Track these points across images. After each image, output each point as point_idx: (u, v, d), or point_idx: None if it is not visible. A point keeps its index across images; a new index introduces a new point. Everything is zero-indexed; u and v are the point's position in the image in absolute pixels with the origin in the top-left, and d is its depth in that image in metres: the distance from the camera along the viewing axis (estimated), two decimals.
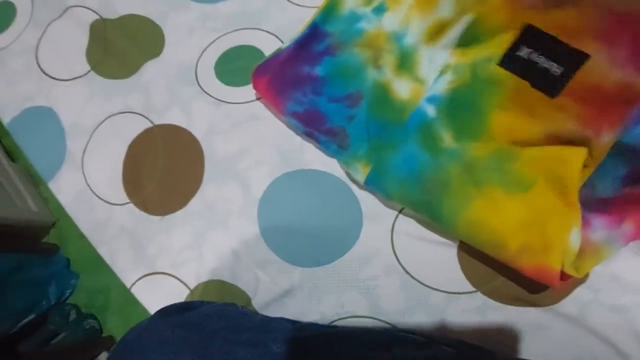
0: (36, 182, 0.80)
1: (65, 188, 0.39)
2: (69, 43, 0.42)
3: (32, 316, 0.75)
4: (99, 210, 0.37)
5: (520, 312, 0.28)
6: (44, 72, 0.42)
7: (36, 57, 0.43)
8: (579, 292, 0.28)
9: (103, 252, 0.37)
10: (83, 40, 0.42)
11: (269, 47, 0.38)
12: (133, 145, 0.38)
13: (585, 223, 0.25)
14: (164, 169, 0.37)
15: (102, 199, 0.37)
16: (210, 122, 0.37)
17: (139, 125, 0.38)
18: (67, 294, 0.80)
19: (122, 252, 0.36)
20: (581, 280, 0.29)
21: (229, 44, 0.39)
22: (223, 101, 0.37)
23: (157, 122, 0.38)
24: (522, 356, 0.28)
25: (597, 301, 0.28)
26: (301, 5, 0.39)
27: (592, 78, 0.26)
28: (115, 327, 0.75)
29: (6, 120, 0.41)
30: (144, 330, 0.27)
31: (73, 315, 0.77)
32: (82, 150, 0.39)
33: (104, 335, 0.77)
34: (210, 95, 0.38)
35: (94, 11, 0.43)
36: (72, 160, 0.39)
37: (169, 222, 0.35)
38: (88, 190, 0.38)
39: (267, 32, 0.39)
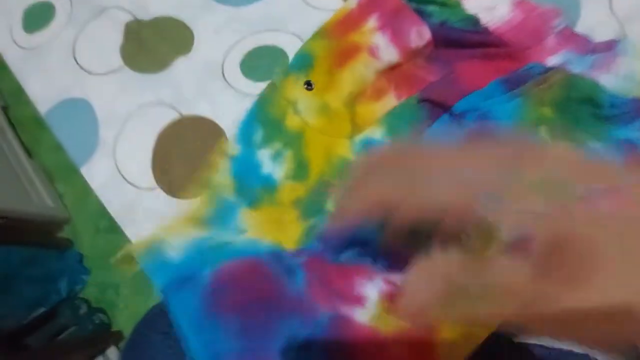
0: (53, 179, 0.83)
1: (97, 174, 0.41)
2: (105, 40, 0.46)
3: (42, 309, 0.77)
4: (128, 194, 0.40)
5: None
6: (80, 66, 0.45)
7: (73, 52, 0.46)
8: None
9: (130, 233, 0.39)
10: (118, 38, 0.45)
11: (291, 47, 0.41)
12: (162, 134, 0.41)
13: None
14: (190, 157, 0.39)
15: (131, 184, 0.40)
16: (235, 114, 0.40)
17: (168, 116, 0.41)
18: (78, 289, 0.82)
19: (148, 232, 0.38)
20: None
21: (253, 44, 0.42)
22: (248, 94, 0.40)
23: (186, 113, 0.41)
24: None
25: None
26: (320, 9, 0.42)
27: None
28: (125, 322, 0.77)
29: (43, 111, 0.44)
30: (145, 326, 0.28)
31: (83, 309, 0.79)
32: (114, 138, 0.42)
33: (113, 329, 0.79)
34: (236, 89, 0.41)
35: (129, 12, 0.46)
36: (104, 147, 0.42)
37: (192, 205, 0.38)
38: (118, 175, 0.41)
39: (290, 33, 0.42)
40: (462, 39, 0.36)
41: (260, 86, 0.40)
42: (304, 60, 0.37)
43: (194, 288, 0.30)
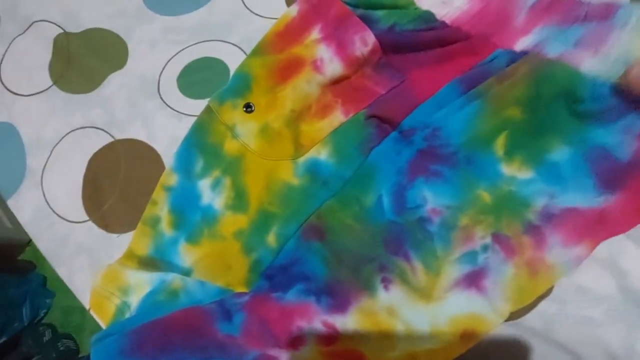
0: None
1: (24, 206, 0.37)
2: (32, 57, 0.41)
3: (4, 339, 0.72)
4: (58, 229, 0.36)
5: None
6: (6, 87, 0.41)
7: None
8: (544, 305, 0.28)
9: (62, 272, 0.36)
10: (46, 54, 0.41)
11: (232, 59, 0.38)
12: (93, 161, 0.37)
13: (541, 241, 0.25)
14: (124, 185, 0.36)
15: (61, 217, 0.36)
16: (171, 136, 0.36)
17: (100, 141, 0.37)
18: (42, 314, 0.78)
19: (81, 272, 0.35)
20: (546, 293, 0.28)
21: (192, 56, 0.38)
22: (184, 114, 0.37)
23: (119, 136, 0.37)
24: None
25: (563, 314, 0.27)
26: (264, 17, 0.39)
27: None
28: None
29: None
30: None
31: (48, 336, 0.75)
32: (42, 166, 0.38)
33: (81, 355, 0.75)
34: (172, 108, 0.37)
35: (58, 25, 0.42)
36: (31, 177, 0.38)
37: (128, 239, 0.34)
38: (47, 207, 0.37)
39: (231, 43, 0.38)
40: (415, 41, 0.32)
41: (198, 104, 0.37)
42: (242, 83, 0.33)
43: (119, 334, 0.27)
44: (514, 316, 0.28)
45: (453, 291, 0.26)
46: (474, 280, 0.26)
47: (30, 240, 0.83)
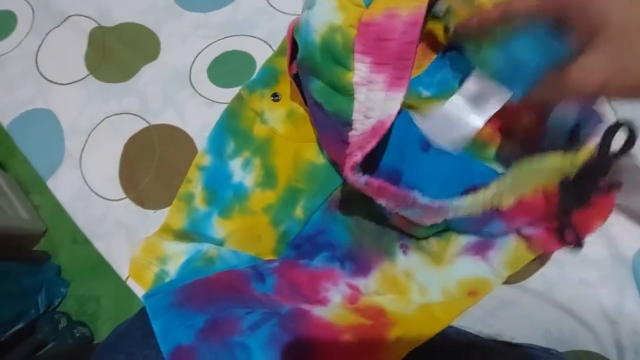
0: (29, 190, 0.81)
1: (63, 186, 0.40)
2: (68, 49, 0.44)
3: (20, 325, 0.74)
4: (96, 206, 0.39)
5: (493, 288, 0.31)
6: (44, 77, 0.44)
7: (36, 62, 0.45)
8: (545, 269, 0.31)
9: (100, 246, 0.38)
10: (82, 46, 0.44)
11: (258, 52, 0.41)
12: (129, 144, 0.40)
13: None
14: (158, 166, 0.39)
15: (99, 195, 0.39)
16: (203, 122, 0.39)
17: (136, 126, 0.40)
18: (57, 302, 0.80)
19: (119, 246, 0.38)
20: (547, 258, 0.31)
21: (220, 49, 0.42)
22: (215, 101, 0.40)
23: (153, 122, 0.40)
24: (491, 330, 0.30)
25: (561, 276, 0.31)
26: (287, 13, 0.42)
27: None
28: (107, 334, 0.75)
29: (5, 123, 0.43)
30: (127, 327, 0.28)
31: (63, 324, 0.77)
32: (80, 149, 0.41)
33: (95, 342, 0.77)
34: (204, 97, 0.40)
35: (93, 20, 0.45)
36: (70, 159, 0.41)
37: (163, 215, 0.37)
38: (86, 187, 0.40)
39: (257, 38, 0.42)
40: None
41: (228, 92, 0.40)
42: (270, 75, 0.37)
43: (167, 291, 0.30)
44: (519, 278, 0.31)
45: (461, 257, 0.30)
46: (480, 249, 0.30)
47: (45, 231, 0.85)
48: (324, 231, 0.32)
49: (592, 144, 0.24)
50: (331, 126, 0.29)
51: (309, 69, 0.28)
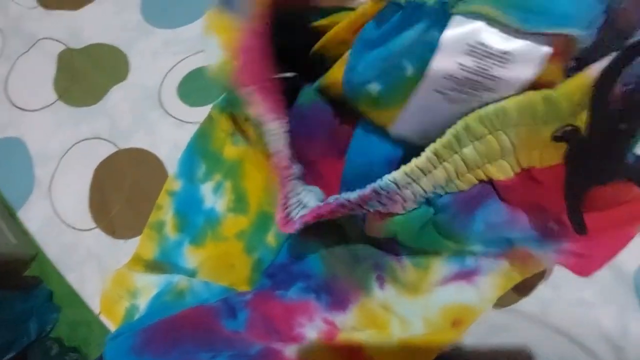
0: (14, 214, 0.81)
1: (33, 216, 0.39)
2: (37, 74, 0.43)
3: (11, 354, 0.73)
4: (67, 237, 0.37)
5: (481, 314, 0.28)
6: (13, 104, 0.43)
7: (6, 89, 0.43)
8: (539, 289, 0.29)
9: (72, 279, 0.37)
10: (51, 70, 0.43)
11: None
12: (99, 170, 0.38)
13: None
14: (129, 192, 0.37)
15: (69, 225, 0.37)
16: (173, 143, 0.37)
17: (105, 150, 0.39)
18: (49, 329, 0.78)
19: (91, 278, 0.36)
20: (542, 278, 0.29)
21: (191, 66, 0.40)
22: (185, 121, 0.38)
23: (123, 146, 0.39)
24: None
25: (557, 297, 0.28)
26: None
27: None
28: None
29: None
30: None
31: (55, 350, 0.75)
32: (49, 178, 0.39)
33: None
34: (174, 117, 0.39)
35: (61, 42, 0.44)
36: (40, 188, 0.39)
37: (135, 244, 0.35)
38: (56, 217, 0.38)
39: None
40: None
41: (199, 111, 0.38)
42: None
43: (130, 332, 0.28)
44: (510, 302, 0.29)
45: (442, 286, 0.27)
46: (465, 277, 0.26)
47: (35, 256, 0.83)
48: (297, 259, 0.30)
49: (591, 69, 0.14)
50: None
51: None
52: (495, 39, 0.15)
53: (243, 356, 0.25)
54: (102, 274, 0.36)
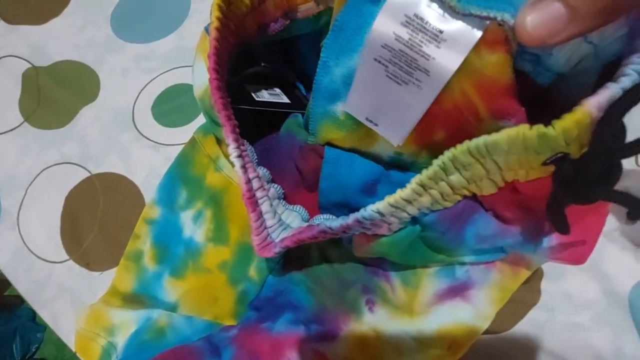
0: None
1: (1, 249, 0.36)
2: (1, 95, 0.40)
3: None
4: (37, 270, 0.35)
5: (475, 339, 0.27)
6: None
7: None
8: (533, 313, 0.28)
9: (44, 314, 0.35)
10: (15, 91, 0.40)
11: None
12: (70, 197, 0.36)
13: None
14: (103, 221, 0.35)
15: (40, 257, 0.35)
16: (149, 167, 0.35)
17: (76, 176, 0.36)
18: (34, 349, 0.76)
19: (64, 313, 0.34)
20: (535, 301, 0.28)
21: (166, 83, 0.38)
22: (162, 144, 0.36)
23: (95, 171, 0.36)
24: None
25: (551, 321, 0.28)
26: None
27: None
28: None
29: None
30: None
31: None
32: (17, 207, 0.37)
33: None
34: (148, 139, 0.37)
35: (25, 60, 0.41)
36: (7, 218, 0.37)
37: (110, 277, 0.33)
38: (25, 249, 0.36)
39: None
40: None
41: (175, 133, 0.36)
42: None
43: None
44: (503, 327, 0.28)
45: (436, 305, 0.26)
46: (458, 292, 0.26)
47: None
48: (282, 292, 0.29)
49: (590, 105, 0.13)
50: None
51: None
52: (433, 15, 0.15)
53: None
54: (76, 309, 0.34)
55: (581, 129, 0.13)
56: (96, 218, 0.35)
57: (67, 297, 0.34)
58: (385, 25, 0.16)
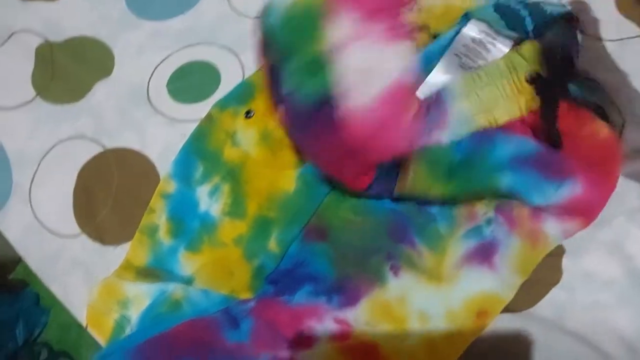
0: None
1: (12, 223, 0.36)
2: (14, 69, 0.40)
3: None
4: (49, 244, 0.35)
5: (496, 319, 0.27)
6: None
7: None
8: (554, 292, 0.28)
9: (55, 289, 0.34)
10: (28, 65, 0.40)
11: (222, 61, 0.37)
12: (83, 172, 0.36)
13: (537, 212, 0.26)
14: (117, 195, 0.35)
15: (52, 232, 0.35)
16: (164, 143, 0.35)
17: (90, 151, 0.36)
18: (37, 332, 0.75)
19: (76, 288, 0.34)
20: (555, 281, 0.28)
21: (180, 61, 0.38)
22: (177, 120, 0.36)
23: (109, 145, 0.36)
24: None
25: (572, 301, 0.27)
26: (251, 17, 0.38)
27: None
28: None
29: None
30: None
31: (44, 355, 0.73)
32: (29, 181, 0.36)
33: None
34: (164, 115, 0.36)
35: (39, 35, 0.41)
36: (19, 193, 0.36)
37: (124, 251, 0.33)
38: (37, 223, 0.35)
39: (220, 45, 0.38)
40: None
41: (190, 109, 0.36)
42: (246, 90, 0.33)
43: (123, 352, 0.26)
44: (524, 306, 0.27)
45: (464, 268, 0.26)
46: (484, 256, 0.26)
47: (20, 259, 0.80)
48: (302, 263, 0.29)
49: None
50: (312, 118, 0.25)
51: (275, 58, 0.25)
52: (491, 30, 0.29)
53: None
54: (88, 283, 0.33)
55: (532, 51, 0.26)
56: (110, 192, 0.35)
57: (80, 272, 0.34)
58: (468, 33, 0.29)
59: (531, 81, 0.26)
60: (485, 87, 0.26)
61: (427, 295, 0.26)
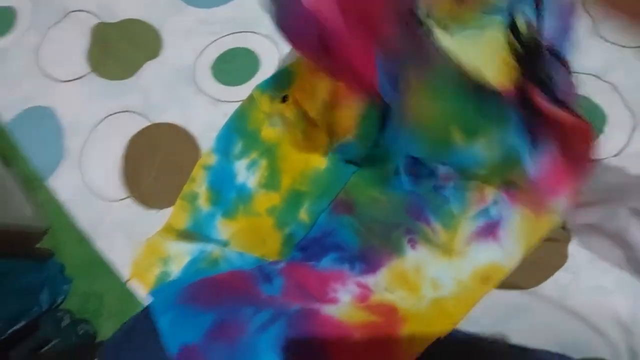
0: (31, 187, 0.81)
1: (63, 186, 0.40)
2: (70, 45, 0.44)
3: (22, 323, 0.74)
4: (97, 207, 0.38)
5: (502, 295, 0.30)
6: (45, 74, 0.43)
7: (37, 59, 0.44)
8: (558, 274, 0.30)
9: (101, 246, 0.38)
10: (84, 42, 0.43)
11: (262, 49, 0.40)
12: (131, 143, 0.39)
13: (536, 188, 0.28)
14: (161, 165, 0.38)
15: (99, 195, 0.38)
16: (207, 121, 0.38)
17: (138, 124, 0.40)
18: (60, 300, 0.80)
19: (120, 246, 0.37)
20: (560, 263, 0.30)
21: (224, 46, 0.41)
22: (220, 100, 0.39)
23: (155, 120, 0.39)
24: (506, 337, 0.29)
25: (575, 283, 0.30)
26: None
27: None
28: (110, 332, 0.74)
29: (6, 120, 0.42)
30: (134, 324, 0.28)
31: (66, 321, 0.77)
32: (80, 148, 0.40)
33: (98, 340, 0.77)
34: (208, 95, 0.39)
35: (95, 15, 0.44)
36: (70, 158, 0.40)
37: (166, 215, 0.36)
38: (85, 187, 0.39)
39: (261, 34, 0.41)
40: None
41: (233, 91, 0.39)
42: (284, 76, 0.36)
43: (173, 288, 0.30)
44: (530, 284, 0.30)
45: (472, 244, 0.29)
46: (490, 230, 0.29)
47: (48, 229, 0.84)
48: (330, 233, 0.32)
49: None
50: None
51: None
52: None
53: (283, 314, 0.26)
54: (131, 244, 0.37)
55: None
56: (154, 162, 0.38)
57: (124, 232, 0.37)
58: None
59: (517, 60, 0.26)
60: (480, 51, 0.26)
61: (440, 267, 0.29)
